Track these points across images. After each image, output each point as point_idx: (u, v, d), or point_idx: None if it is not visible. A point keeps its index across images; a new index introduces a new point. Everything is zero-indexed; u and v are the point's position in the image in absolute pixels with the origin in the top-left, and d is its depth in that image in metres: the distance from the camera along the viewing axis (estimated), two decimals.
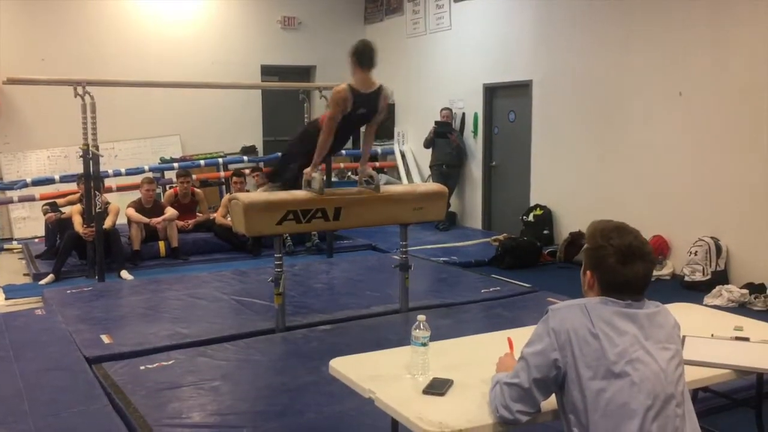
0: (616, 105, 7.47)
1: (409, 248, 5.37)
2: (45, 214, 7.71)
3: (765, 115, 6.03)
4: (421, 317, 2.40)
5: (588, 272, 2.02)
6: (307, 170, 4.77)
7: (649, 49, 7.02)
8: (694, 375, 2.32)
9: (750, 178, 6.17)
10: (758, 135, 6.09)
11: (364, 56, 4.61)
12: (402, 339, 3.37)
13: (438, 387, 2.25)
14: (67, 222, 7.20)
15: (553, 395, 1.99)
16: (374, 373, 2.44)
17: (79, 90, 6.43)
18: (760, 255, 6.10)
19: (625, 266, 1.93)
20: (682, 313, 2.47)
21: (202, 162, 9.78)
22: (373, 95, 4.68)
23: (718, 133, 6.43)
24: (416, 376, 2.36)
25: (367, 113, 4.75)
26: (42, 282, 6.68)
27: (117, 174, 8.79)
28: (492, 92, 9.40)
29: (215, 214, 8.23)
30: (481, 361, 2.45)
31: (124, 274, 6.90)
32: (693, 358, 2.42)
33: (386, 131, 11.27)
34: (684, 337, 2.24)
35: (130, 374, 4.05)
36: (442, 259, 7.44)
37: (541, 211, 8.33)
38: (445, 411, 2.12)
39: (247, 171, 8.60)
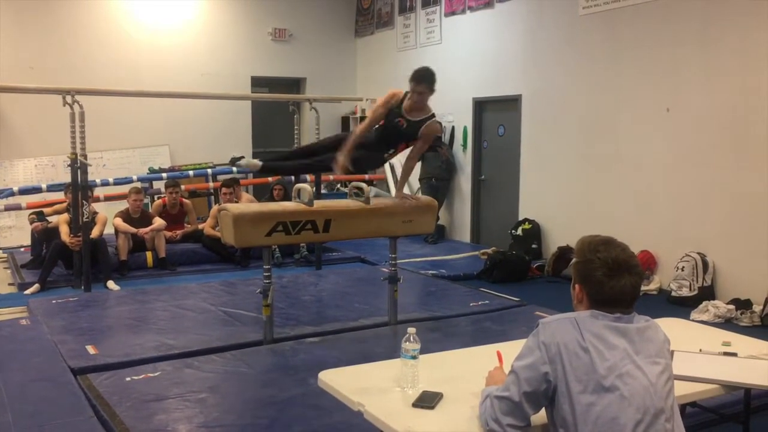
0: (604, 121, 7.53)
1: (397, 261, 5.37)
2: (31, 223, 7.65)
3: (752, 131, 6.09)
4: (411, 330, 2.40)
5: (577, 286, 2.03)
6: (337, 155, 4.73)
7: (638, 65, 7.08)
8: (682, 390, 2.33)
9: (737, 194, 6.23)
10: (745, 151, 6.15)
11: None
12: (390, 352, 3.36)
13: (428, 400, 2.24)
14: (54, 231, 7.15)
15: (543, 409, 1.98)
16: (363, 385, 2.43)
17: (68, 99, 6.39)
18: (747, 271, 6.14)
19: (612, 279, 1.94)
20: (669, 327, 2.47)
21: (190, 172, 9.73)
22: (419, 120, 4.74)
23: (705, 149, 6.49)
24: (406, 389, 2.35)
25: (406, 129, 4.74)
26: (27, 292, 6.62)
27: (105, 183, 8.74)
28: (481, 106, 9.45)
29: (203, 225, 8.20)
30: (470, 374, 2.44)
31: (111, 284, 6.85)
32: (681, 373, 2.42)
33: None
34: (672, 351, 2.25)
35: (116, 386, 4.01)
36: (430, 272, 7.44)
37: (530, 225, 8.36)
38: (434, 424, 2.12)
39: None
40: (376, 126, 4.79)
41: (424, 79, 4.64)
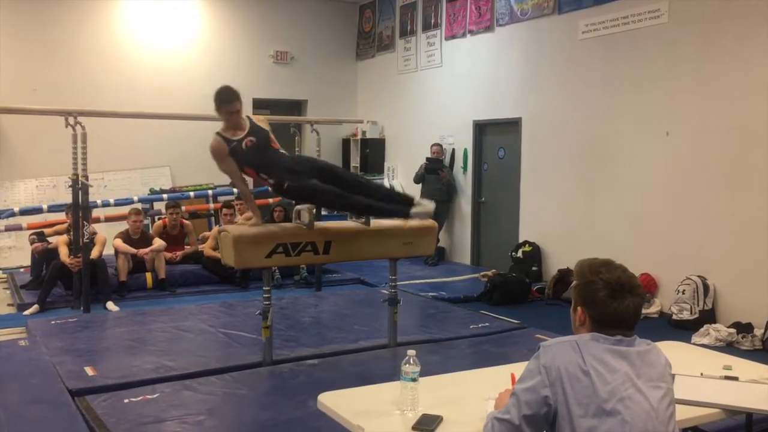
0: (604, 143, 7.55)
1: (397, 283, 5.36)
2: (32, 243, 7.65)
3: (751, 154, 6.11)
4: (411, 352, 2.39)
5: (579, 308, 2.02)
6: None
7: (637, 89, 7.12)
8: (683, 414, 2.32)
9: (737, 217, 6.23)
10: (745, 175, 6.17)
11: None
12: (390, 374, 3.35)
13: (427, 423, 2.23)
14: (54, 252, 7.14)
15: None
16: (363, 408, 2.42)
17: (71, 120, 6.43)
18: (747, 294, 6.12)
19: (615, 300, 1.94)
20: (670, 351, 2.47)
21: (191, 193, 9.76)
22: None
23: (705, 173, 6.50)
24: (405, 411, 2.35)
25: (259, 141, 4.84)
26: (26, 312, 6.60)
27: (105, 204, 8.75)
28: (482, 129, 9.49)
29: (203, 246, 8.19)
30: (470, 397, 2.43)
31: (110, 305, 6.83)
32: (682, 397, 2.41)
33: (376, 166, 11.34)
34: (673, 375, 2.24)
35: (114, 407, 3.98)
36: (430, 294, 7.42)
37: (530, 248, 8.35)
38: None
39: (236, 203, 8.56)
40: (249, 164, 4.75)
41: (234, 96, 4.81)
